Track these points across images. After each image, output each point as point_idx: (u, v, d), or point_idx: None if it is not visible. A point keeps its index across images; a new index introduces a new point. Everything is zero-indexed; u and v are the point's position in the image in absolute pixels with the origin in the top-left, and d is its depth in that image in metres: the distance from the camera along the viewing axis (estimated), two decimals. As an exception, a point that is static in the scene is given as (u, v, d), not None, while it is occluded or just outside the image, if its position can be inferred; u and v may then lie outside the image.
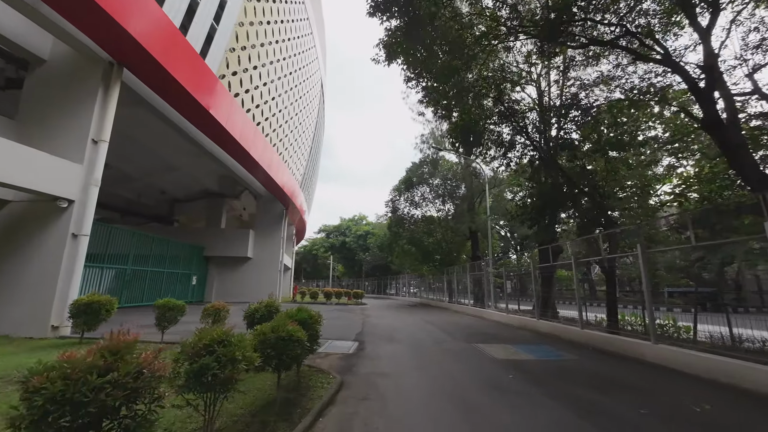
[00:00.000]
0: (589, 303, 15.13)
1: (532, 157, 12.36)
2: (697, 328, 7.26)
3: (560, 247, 13.47)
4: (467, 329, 10.79)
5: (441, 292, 25.31)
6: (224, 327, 6.00)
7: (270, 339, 3.28)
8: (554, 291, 14.00)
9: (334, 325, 11.04)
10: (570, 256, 16.19)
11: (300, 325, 4.04)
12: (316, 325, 4.44)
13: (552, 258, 12.95)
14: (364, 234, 50.57)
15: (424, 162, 23.95)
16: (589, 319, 10.10)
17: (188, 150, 16.47)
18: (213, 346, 2.59)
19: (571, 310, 12.87)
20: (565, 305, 14.68)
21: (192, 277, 20.88)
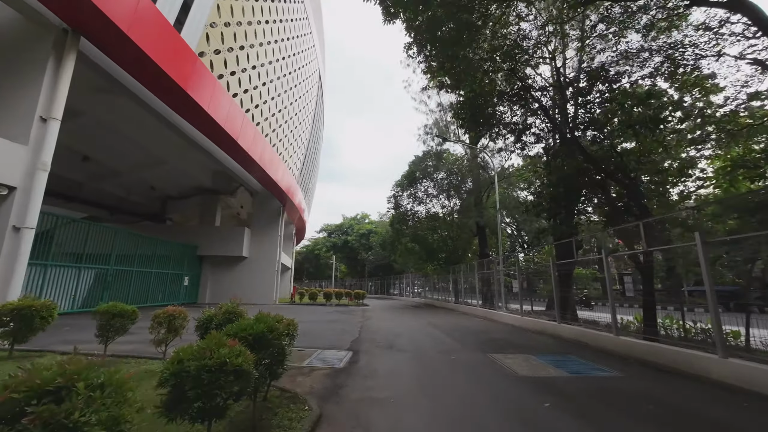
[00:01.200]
0: (602, 303, 13.86)
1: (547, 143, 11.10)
2: (749, 334, 5.99)
3: (580, 241, 12.18)
4: (478, 334, 9.54)
5: (446, 292, 24.03)
6: (179, 338, 4.76)
7: (189, 370, 2.07)
8: (573, 291, 12.72)
9: (329, 330, 9.84)
10: (592, 251, 14.93)
11: (252, 343, 2.82)
12: (280, 341, 3.19)
13: (568, 254, 11.68)
14: (367, 233, 49.39)
15: (428, 155, 22.70)
16: (604, 320, 8.84)
17: (176, 142, 15.37)
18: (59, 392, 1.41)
19: (593, 312, 11.62)
20: (583, 307, 13.37)
21: (184, 278, 19.80)
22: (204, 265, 22.03)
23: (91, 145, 14.77)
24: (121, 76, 10.24)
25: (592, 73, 8.50)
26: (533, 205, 10.70)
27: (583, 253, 12.86)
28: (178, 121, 12.74)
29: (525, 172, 22.33)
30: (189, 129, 13.47)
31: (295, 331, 3.90)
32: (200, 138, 14.18)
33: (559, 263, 10.31)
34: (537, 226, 30.22)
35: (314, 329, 10.02)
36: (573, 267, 12.49)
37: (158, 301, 17.87)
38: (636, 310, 9.69)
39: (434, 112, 21.20)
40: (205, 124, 12.32)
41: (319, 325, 11.03)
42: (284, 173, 20.63)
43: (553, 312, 15.61)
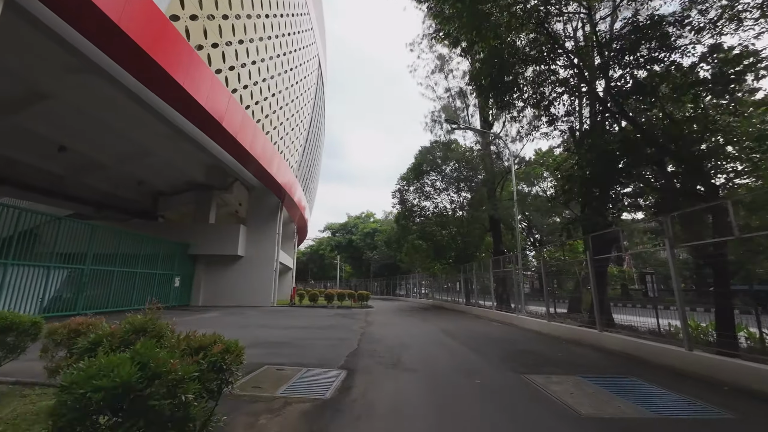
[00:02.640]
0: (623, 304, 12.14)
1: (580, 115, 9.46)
2: None
3: (616, 234, 10.50)
4: (501, 344, 7.95)
5: (456, 293, 22.43)
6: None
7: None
8: (607, 291, 11.06)
9: (323, 340, 8.32)
10: (635, 244, 13.22)
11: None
12: (175, 395, 1.67)
13: (604, 247, 10.07)
14: (372, 232, 47.89)
15: (436, 146, 21.09)
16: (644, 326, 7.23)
17: (160, 130, 14.00)
18: None
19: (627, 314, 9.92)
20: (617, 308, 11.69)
21: (174, 278, 18.46)
22: (198, 264, 20.70)
23: (67, 133, 13.47)
24: (92, 52, 8.88)
25: (643, 26, 6.87)
26: (563, 191, 9.07)
27: (630, 246, 11.17)
28: (161, 106, 11.33)
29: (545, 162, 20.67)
30: (173, 115, 12.07)
31: (237, 360, 2.42)
32: (186, 125, 12.78)
33: (596, 258, 8.66)
34: (551, 222, 28.50)
35: (306, 338, 8.52)
36: (608, 264, 10.85)
37: (142, 304, 16.52)
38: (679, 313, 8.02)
39: (442, 99, 19.65)
40: (186, 105, 10.89)
41: (313, 333, 9.52)
42: (280, 165, 19.20)
43: (580, 315, 13.99)
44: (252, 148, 14.61)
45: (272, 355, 6.35)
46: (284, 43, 17.60)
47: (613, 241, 10.40)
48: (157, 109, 11.71)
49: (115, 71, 9.65)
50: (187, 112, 11.53)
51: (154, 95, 10.60)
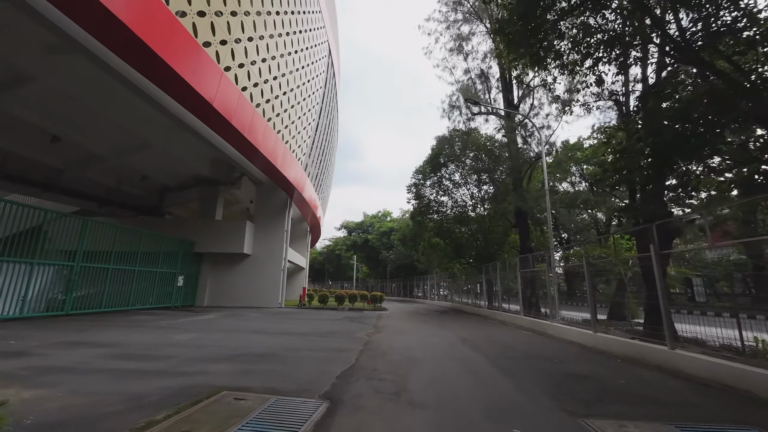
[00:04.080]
0: (688, 311, 9.97)
1: (643, 70, 7.59)
2: None
3: (678, 225, 8.55)
4: (538, 362, 6.27)
5: (477, 295, 20.60)
6: None
7: None
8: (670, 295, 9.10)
9: (316, 351, 6.88)
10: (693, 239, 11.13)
11: None
12: None
13: (663, 242, 8.20)
14: (388, 231, 46.38)
15: (455, 135, 19.33)
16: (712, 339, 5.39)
17: (158, 120, 13.05)
18: None
19: (692, 324, 7.98)
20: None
21: (177, 277, 17.58)
22: (203, 263, 19.82)
23: (58, 122, 12.69)
24: (75, 32, 7.93)
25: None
26: (614, 169, 7.26)
27: (674, 245, 9.17)
28: (156, 93, 10.31)
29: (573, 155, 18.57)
30: (173, 105, 11.05)
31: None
32: (187, 116, 11.75)
33: (663, 253, 6.81)
34: (580, 220, 26.08)
35: (298, 348, 7.10)
36: (668, 262, 8.90)
37: (148, 304, 15.71)
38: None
39: (460, 82, 17.95)
40: (185, 94, 9.80)
41: (309, 341, 8.10)
42: (289, 160, 18.01)
43: (625, 323, 11.99)
44: (260, 144, 13.47)
45: (243, 374, 4.96)
46: (295, 41, 16.38)
47: (674, 234, 8.49)
48: (152, 95, 10.69)
49: (101, 52, 8.67)
50: (190, 105, 10.47)
51: (148, 82, 9.56)
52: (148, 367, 5.24)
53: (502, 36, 6.23)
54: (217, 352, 6.48)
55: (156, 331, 9.10)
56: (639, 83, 9.21)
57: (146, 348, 6.69)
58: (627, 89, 10.08)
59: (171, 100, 10.55)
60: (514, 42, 5.93)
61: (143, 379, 4.59)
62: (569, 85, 8.71)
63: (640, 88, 9.11)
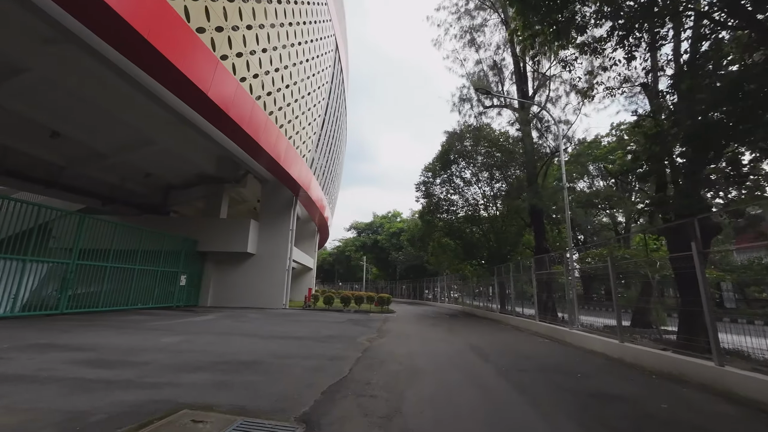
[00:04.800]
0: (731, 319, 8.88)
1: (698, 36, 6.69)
2: None
3: (718, 222, 7.59)
4: (560, 378, 5.45)
5: (489, 298, 19.69)
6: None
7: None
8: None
9: (307, 359, 6.21)
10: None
11: None
12: None
13: (704, 240, 7.27)
14: (398, 232, 45.63)
15: (465, 130, 18.47)
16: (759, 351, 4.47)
17: (161, 116, 12.73)
18: None
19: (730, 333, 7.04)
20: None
21: (180, 277, 17.24)
22: (207, 262, 19.48)
23: (56, 117, 12.44)
24: (68, 22, 7.57)
25: None
26: (647, 156, 6.38)
27: (714, 243, 8.20)
28: (151, 84, 9.91)
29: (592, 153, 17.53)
30: (173, 100, 10.67)
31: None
32: (189, 112, 11.35)
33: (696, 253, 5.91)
34: (596, 221, 24.84)
35: (288, 355, 6.45)
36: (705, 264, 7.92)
37: (149, 303, 15.38)
38: None
39: (471, 75, 17.09)
40: (178, 83, 9.36)
41: (303, 347, 7.45)
42: (294, 158, 17.50)
43: (650, 331, 10.99)
44: (261, 138, 12.97)
45: (216, 387, 4.33)
46: (299, 32, 15.83)
47: (713, 232, 7.53)
48: (149, 88, 10.30)
49: (96, 43, 8.31)
50: (183, 94, 10.02)
51: (142, 71, 9.14)
52: (115, 377, 4.66)
53: (517, 3, 5.44)
54: (200, 359, 5.89)
55: (145, 332, 8.60)
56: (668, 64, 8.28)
57: (124, 353, 6.15)
58: (655, 72, 9.16)
59: (168, 92, 10.11)
60: (529, 6, 5.12)
61: (101, 392, 4.00)
62: (591, 67, 7.85)
63: (668, 71, 8.19)
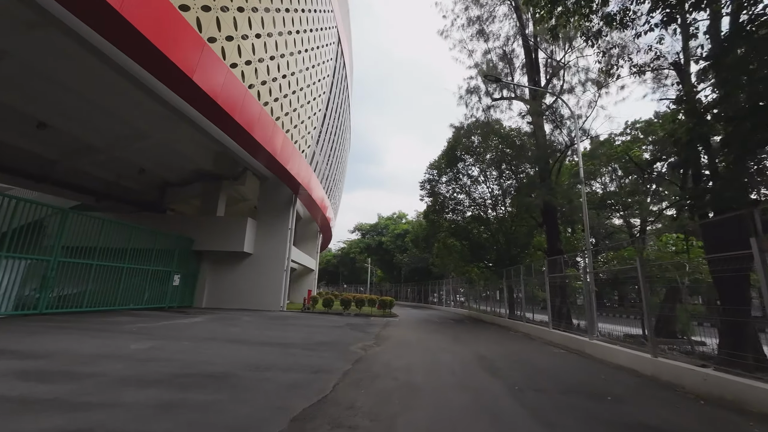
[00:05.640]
0: None
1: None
2: None
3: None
4: (585, 401, 4.50)
5: (497, 302, 18.65)
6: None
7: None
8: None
9: (291, 370, 5.35)
10: None
11: None
12: None
13: (738, 240, 6.28)
14: (403, 233, 44.68)
15: (473, 126, 17.50)
16: None
17: (155, 110, 12.09)
18: None
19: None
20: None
21: (173, 276, 16.55)
22: (203, 262, 18.79)
23: (42, 107, 11.86)
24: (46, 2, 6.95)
25: None
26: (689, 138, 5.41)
27: None
28: (142, 74, 9.26)
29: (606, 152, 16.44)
30: (165, 92, 10.04)
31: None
32: (182, 105, 10.70)
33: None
34: (608, 224, 23.61)
35: (266, 367, 5.59)
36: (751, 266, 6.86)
37: (140, 304, 14.71)
38: None
39: (480, 66, 16.16)
40: (163, 66, 8.67)
41: (287, 356, 6.58)
42: (285, 147, 16.74)
43: (677, 341, 9.95)
44: (255, 129, 12.23)
45: (161, 410, 3.49)
46: (296, 20, 15.05)
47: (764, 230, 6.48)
48: (140, 79, 9.65)
49: (79, 28, 7.67)
50: (168, 79, 9.34)
51: (131, 60, 8.49)
52: (46, 393, 3.86)
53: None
54: (161, 370, 5.06)
55: (119, 336, 7.83)
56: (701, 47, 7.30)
57: (79, 361, 5.35)
58: (687, 53, 8.17)
59: (157, 82, 9.43)
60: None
61: (6, 417, 3.20)
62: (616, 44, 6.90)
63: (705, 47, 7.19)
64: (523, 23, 15.33)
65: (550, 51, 14.15)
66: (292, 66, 14.53)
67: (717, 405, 4.45)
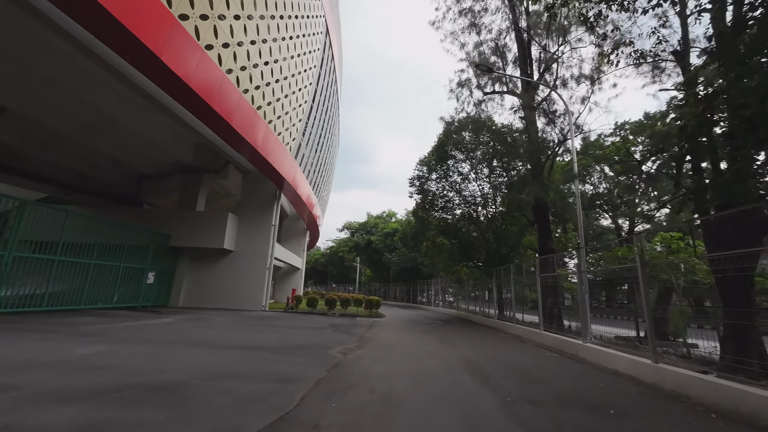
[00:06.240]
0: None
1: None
2: None
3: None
4: (586, 416, 3.96)
5: (487, 302, 18.22)
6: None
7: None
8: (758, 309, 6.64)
9: (256, 378, 4.69)
10: None
11: None
12: None
13: (749, 237, 5.91)
14: (392, 232, 44.12)
15: (465, 122, 16.97)
16: None
17: (127, 96, 11.24)
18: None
19: None
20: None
21: (147, 273, 15.64)
22: (181, 259, 17.90)
23: (10, 93, 10.89)
24: None
25: None
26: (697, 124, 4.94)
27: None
28: (113, 58, 8.48)
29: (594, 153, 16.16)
30: (138, 76, 9.26)
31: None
32: (157, 91, 9.91)
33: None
34: (596, 225, 23.45)
35: (226, 374, 4.92)
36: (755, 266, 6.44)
37: (109, 303, 13.80)
38: None
39: (471, 57, 15.65)
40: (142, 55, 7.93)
41: (254, 363, 5.91)
42: (268, 138, 15.98)
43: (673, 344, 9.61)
44: (233, 117, 11.47)
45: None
46: (280, 4, 14.31)
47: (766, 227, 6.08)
48: (112, 63, 8.87)
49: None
50: (140, 64, 8.58)
51: (99, 42, 7.71)
52: (-62, 413, 3.13)
53: None
54: (99, 381, 4.35)
55: (67, 340, 7.03)
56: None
57: (5, 369, 4.61)
58: (687, 41, 7.77)
59: (129, 66, 8.66)
60: None
61: None
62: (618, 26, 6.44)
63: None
64: (516, 16, 14.89)
65: (543, 44, 13.73)
66: (275, 53, 13.78)
67: (732, 420, 3.96)
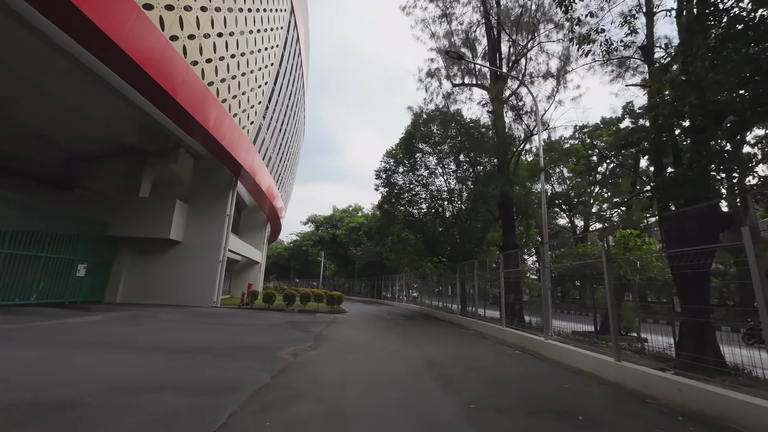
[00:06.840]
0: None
1: None
2: None
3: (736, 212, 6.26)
4: (556, 424, 3.60)
5: (450, 298, 18.15)
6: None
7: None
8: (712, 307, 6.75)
9: (181, 388, 3.89)
10: None
11: None
12: None
13: (712, 232, 5.95)
14: (358, 226, 43.42)
15: (434, 116, 16.59)
16: None
17: (46, 57, 9.54)
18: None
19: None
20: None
21: (78, 266, 13.86)
22: (120, 250, 16.13)
23: None
24: None
25: None
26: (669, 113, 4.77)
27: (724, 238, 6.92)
28: (25, 8, 6.99)
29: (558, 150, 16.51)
30: (53, 29, 7.75)
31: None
32: (78, 49, 8.40)
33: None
34: (553, 224, 24.32)
35: (142, 386, 4.07)
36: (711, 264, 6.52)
37: (31, 298, 12.05)
38: None
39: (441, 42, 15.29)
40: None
41: (185, 369, 5.06)
42: (221, 118, 14.71)
43: (627, 339, 9.84)
44: (179, 94, 10.19)
45: None
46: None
47: (725, 223, 6.15)
48: (21, 12, 7.34)
49: None
50: (60, 18, 7.18)
51: None
52: None
53: None
54: (-37, 400, 3.36)
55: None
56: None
57: None
58: (651, 39, 7.80)
59: (37, 13, 7.23)
60: None
61: None
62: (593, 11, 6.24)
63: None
64: (487, 8, 14.68)
65: (514, 38, 13.63)
66: (231, 24, 12.54)
67: (699, 422, 3.77)
